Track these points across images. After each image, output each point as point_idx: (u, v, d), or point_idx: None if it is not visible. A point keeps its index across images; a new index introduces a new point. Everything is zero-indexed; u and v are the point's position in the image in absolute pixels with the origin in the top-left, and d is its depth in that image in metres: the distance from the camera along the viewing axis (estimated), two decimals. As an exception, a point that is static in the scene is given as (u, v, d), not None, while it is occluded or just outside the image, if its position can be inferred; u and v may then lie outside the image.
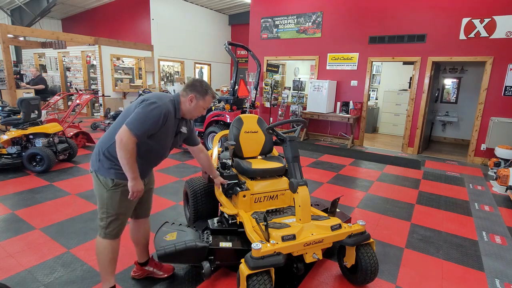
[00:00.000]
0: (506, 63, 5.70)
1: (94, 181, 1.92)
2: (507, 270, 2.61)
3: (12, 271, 2.32)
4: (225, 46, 5.55)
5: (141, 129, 1.74)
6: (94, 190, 1.94)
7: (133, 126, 1.72)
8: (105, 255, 1.93)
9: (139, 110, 1.76)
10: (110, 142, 1.85)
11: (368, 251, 2.16)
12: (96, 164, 1.89)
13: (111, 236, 1.92)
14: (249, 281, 1.79)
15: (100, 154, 1.88)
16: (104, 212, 1.88)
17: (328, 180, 4.73)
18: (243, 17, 11.86)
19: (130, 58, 10.17)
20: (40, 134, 4.68)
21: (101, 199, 1.89)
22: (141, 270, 2.28)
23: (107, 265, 1.95)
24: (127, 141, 1.72)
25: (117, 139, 1.73)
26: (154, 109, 1.77)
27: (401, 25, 6.55)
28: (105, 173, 1.86)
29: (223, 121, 5.71)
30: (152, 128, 1.78)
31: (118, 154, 1.75)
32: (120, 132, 1.73)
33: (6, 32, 6.92)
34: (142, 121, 1.74)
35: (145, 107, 1.77)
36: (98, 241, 1.94)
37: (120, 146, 1.72)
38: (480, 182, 4.99)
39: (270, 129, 2.38)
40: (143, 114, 1.75)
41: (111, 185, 1.85)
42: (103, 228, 1.91)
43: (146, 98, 1.82)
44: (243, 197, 2.45)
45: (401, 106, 8.66)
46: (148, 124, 1.76)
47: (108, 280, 1.97)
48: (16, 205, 3.44)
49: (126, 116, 1.82)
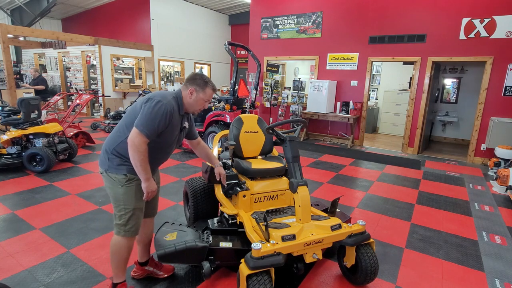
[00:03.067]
0: (506, 63, 5.70)
1: (105, 181, 1.93)
2: (507, 270, 2.61)
3: (12, 271, 2.32)
4: (225, 46, 5.54)
5: (151, 128, 1.78)
6: (107, 190, 1.95)
7: (143, 127, 1.76)
8: (122, 254, 1.96)
9: (146, 111, 1.79)
10: (117, 141, 1.89)
11: (368, 251, 2.16)
12: (106, 164, 1.91)
13: (130, 233, 1.93)
14: (249, 281, 1.79)
15: (108, 153, 1.90)
16: (122, 209, 1.90)
17: (328, 180, 4.73)
18: (243, 17, 11.86)
19: (130, 58, 10.17)
20: (40, 134, 4.68)
21: (116, 196, 1.90)
22: (141, 270, 2.29)
23: (123, 263, 1.98)
24: (140, 143, 1.76)
25: (129, 142, 1.77)
26: (160, 107, 1.79)
27: (401, 25, 6.55)
28: (116, 170, 1.88)
29: (223, 121, 5.71)
30: (161, 126, 1.82)
31: (131, 157, 1.79)
32: (132, 135, 1.77)
33: (6, 32, 6.92)
34: (150, 121, 1.77)
35: (150, 106, 1.79)
36: (116, 239, 1.94)
37: (133, 149, 1.76)
38: (480, 182, 4.98)
39: (270, 129, 2.38)
40: (150, 114, 1.78)
41: (125, 181, 1.88)
42: (123, 226, 1.91)
43: (151, 97, 1.84)
44: (243, 197, 2.45)
45: (401, 106, 8.66)
46: (156, 123, 1.79)
47: (120, 276, 2.01)
48: (16, 205, 3.43)
49: (132, 116, 1.85)
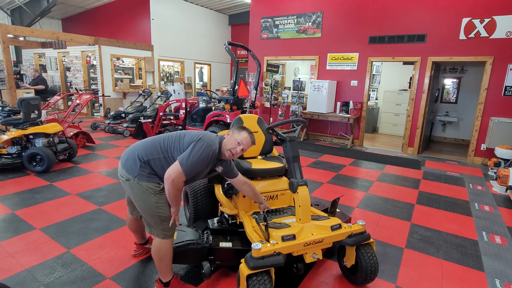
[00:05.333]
0: (506, 63, 5.70)
1: (133, 187, 1.90)
2: (507, 270, 2.61)
3: (12, 271, 2.32)
4: (225, 46, 5.54)
5: (193, 170, 1.82)
6: (134, 197, 1.94)
7: (187, 167, 1.79)
8: (169, 255, 1.99)
9: (195, 152, 1.81)
10: (152, 155, 1.90)
11: (368, 251, 2.16)
12: (136, 171, 1.88)
13: (171, 235, 1.98)
14: (249, 281, 1.79)
15: (141, 161, 1.89)
16: (157, 217, 1.91)
17: (328, 180, 4.73)
18: (243, 17, 11.86)
19: (130, 58, 10.17)
20: (40, 134, 4.68)
21: (148, 204, 1.89)
22: (142, 248, 2.45)
23: (170, 262, 2.02)
24: (178, 181, 1.80)
25: (167, 176, 1.79)
26: (208, 152, 1.84)
27: (401, 25, 6.55)
28: (148, 179, 1.88)
29: (223, 121, 5.71)
30: (201, 168, 1.87)
31: (167, 190, 1.82)
32: (173, 171, 1.78)
33: (6, 32, 6.92)
34: (195, 163, 1.81)
35: (201, 149, 1.82)
36: (161, 243, 1.95)
37: (170, 185, 1.79)
38: (480, 182, 4.98)
39: (270, 129, 2.38)
40: (198, 157, 1.81)
41: (159, 189, 1.89)
42: (165, 231, 1.94)
43: (202, 138, 1.87)
44: (243, 197, 2.44)
45: (401, 106, 8.66)
46: (199, 166, 1.84)
47: (169, 274, 2.05)
48: (16, 205, 3.43)
49: (175, 144, 1.90)
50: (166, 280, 2.04)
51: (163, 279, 2.04)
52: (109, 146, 6.29)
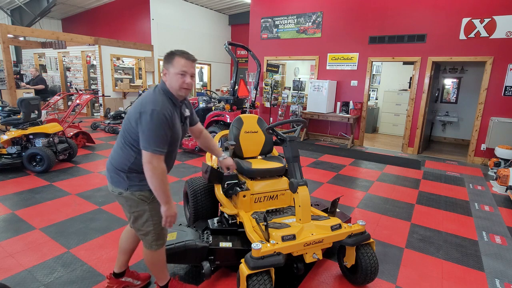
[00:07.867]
0: (506, 63, 5.70)
1: (126, 201, 1.79)
2: (507, 270, 2.61)
3: (12, 271, 2.32)
4: (225, 46, 5.55)
5: (160, 142, 1.63)
6: (128, 210, 1.81)
7: (152, 146, 1.61)
8: (162, 262, 1.95)
9: (145, 127, 1.61)
10: (129, 159, 1.74)
11: (368, 251, 2.16)
12: (125, 183, 1.76)
13: (162, 245, 1.89)
14: (249, 281, 1.79)
15: (124, 172, 1.76)
16: (150, 225, 1.80)
17: (328, 180, 4.73)
18: (243, 17, 11.86)
19: (130, 58, 10.17)
20: (40, 134, 4.68)
21: (142, 214, 1.79)
22: (116, 283, 2.09)
23: (164, 266, 1.98)
24: (157, 163, 1.63)
25: (146, 167, 1.64)
26: (157, 116, 1.61)
27: (401, 25, 6.55)
28: (140, 187, 1.76)
29: (223, 121, 5.71)
30: (168, 134, 1.68)
31: (150, 182, 1.65)
32: (146, 159, 1.63)
33: (6, 32, 6.91)
34: (156, 136, 1.61)
35: (147, 120, 1.61)
36: (150, 254, 1.87)
37: (153, 172, 1.62)
38: (480, 182, 4.98)
39: (270, 129, 2.38)
40: (152, 129, 1.61)
41: (151, 196, 1.77)
42: (154, 241, 1.83)
43: (142, 110, 1.64)
44: (243, 197, 2.44)
45: (401, 106, 8.66)
46: (163, 134, 1.64)
47: (166, 276, 2.02)
48: (16, 205, 3.44)
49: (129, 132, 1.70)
50: (163, 283, 2.01)
51: (160, 283, 2.01)
52: (109, 146, 6.28)
